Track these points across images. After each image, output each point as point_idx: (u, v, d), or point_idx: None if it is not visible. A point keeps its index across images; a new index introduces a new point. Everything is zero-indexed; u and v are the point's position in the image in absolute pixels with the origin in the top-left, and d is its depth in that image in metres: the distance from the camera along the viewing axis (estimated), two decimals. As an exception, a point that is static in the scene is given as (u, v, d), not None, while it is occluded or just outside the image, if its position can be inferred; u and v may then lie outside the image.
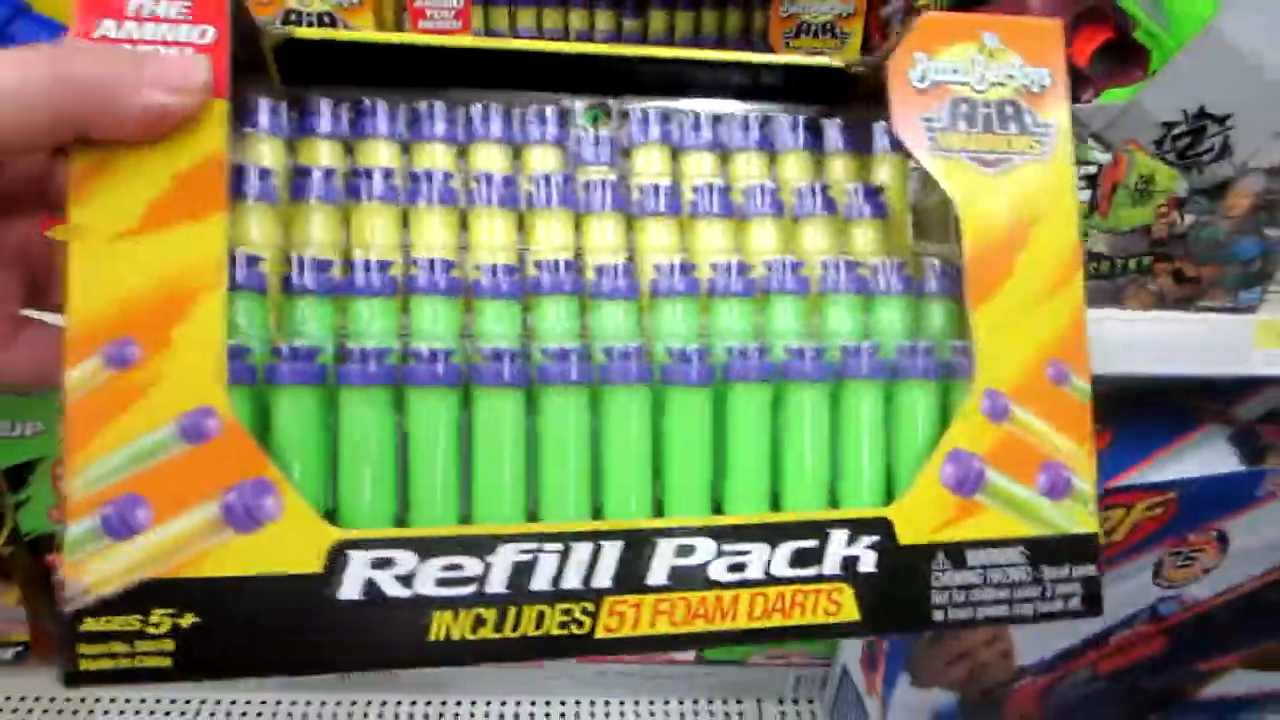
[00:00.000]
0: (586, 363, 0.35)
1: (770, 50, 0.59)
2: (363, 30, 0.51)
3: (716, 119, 0.40)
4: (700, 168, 0.40)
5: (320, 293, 0.34)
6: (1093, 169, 0.54)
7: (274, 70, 0.37)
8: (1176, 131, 0.53)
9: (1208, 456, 0.64)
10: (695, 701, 0.82)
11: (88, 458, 0.28)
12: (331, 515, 0.32)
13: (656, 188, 0.38)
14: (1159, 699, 0.76)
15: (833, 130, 0.41)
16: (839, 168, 0.41)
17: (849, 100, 0.42)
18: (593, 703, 0.80)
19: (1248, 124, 0.52)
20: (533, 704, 0.80)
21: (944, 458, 0.36)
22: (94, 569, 0.28)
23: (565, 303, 0.36)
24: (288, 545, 0.30)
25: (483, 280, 0.35)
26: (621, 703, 0.80)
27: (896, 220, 0.42)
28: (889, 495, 0.37)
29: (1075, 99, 0.54)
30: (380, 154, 0.37)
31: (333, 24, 0.53)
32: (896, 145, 0.40)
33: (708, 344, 0.37)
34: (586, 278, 0.37)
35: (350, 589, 0.31)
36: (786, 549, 0.35)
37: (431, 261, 0.35)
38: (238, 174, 0.34)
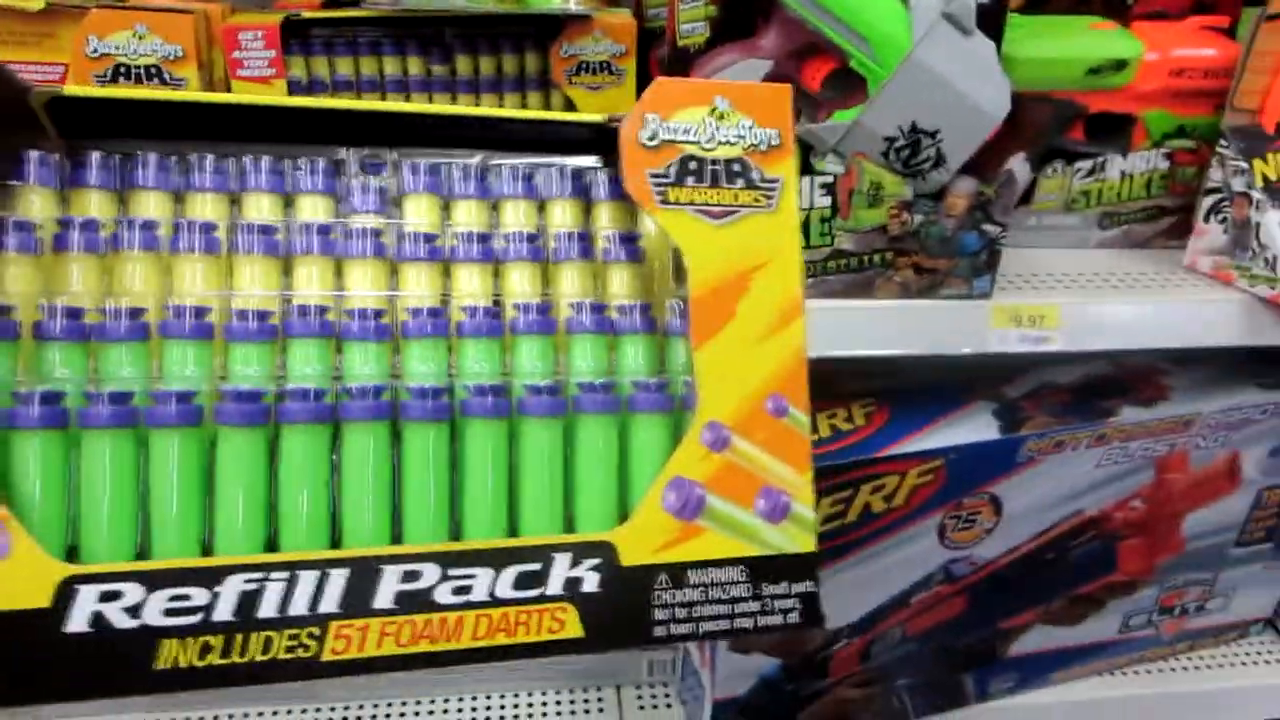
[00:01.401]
0: (322, 402, 0.37)
1: (558, 87, 0.67)
2: (146, 88, 0.54)
3: (485, 171, 0.43)
4: (468, 216, 0.42)
5: (69, 339, 0.36)
6: (830, 178, 0.63)
7: (50, 127, 0.39)
8: (898, 145, 0.62)
9: (973, 428, 0.73)
10: (557, 691, 0.88)
11: None
12: (74, 552, 0.35)
13: (417, 235, 0.41)
14: (971, 657, 0.84)
15: (601, 180, 0.44)
16: (605, 215, 0.44)
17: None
18: (447, 700, 0.85)
19: (954, 138, 0.61)
20: (375, 706, 0.84)
21: (666, 484, 0.39)
22: None
23: (316, 345, 0.38)
24: (16, 582, 0.32)
25: (234, 324, 0.38)
26: (474, 698, 0.85)
27: (656, 265, 0.45)
28: (622, 522, 0.40)
29: (812, 119, 0.63)
30: (149, 204, 0.39)
31: (159, 76, 0.60)
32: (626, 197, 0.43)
33: (449, 382, 0.39)
34: (340, 320, 0.39)
35: (78, 621, 0.33)
36: (511, 572, 0.37)
37: (182, 308, 0.37)
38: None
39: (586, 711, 0.86)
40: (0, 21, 0.61)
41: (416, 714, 0.84)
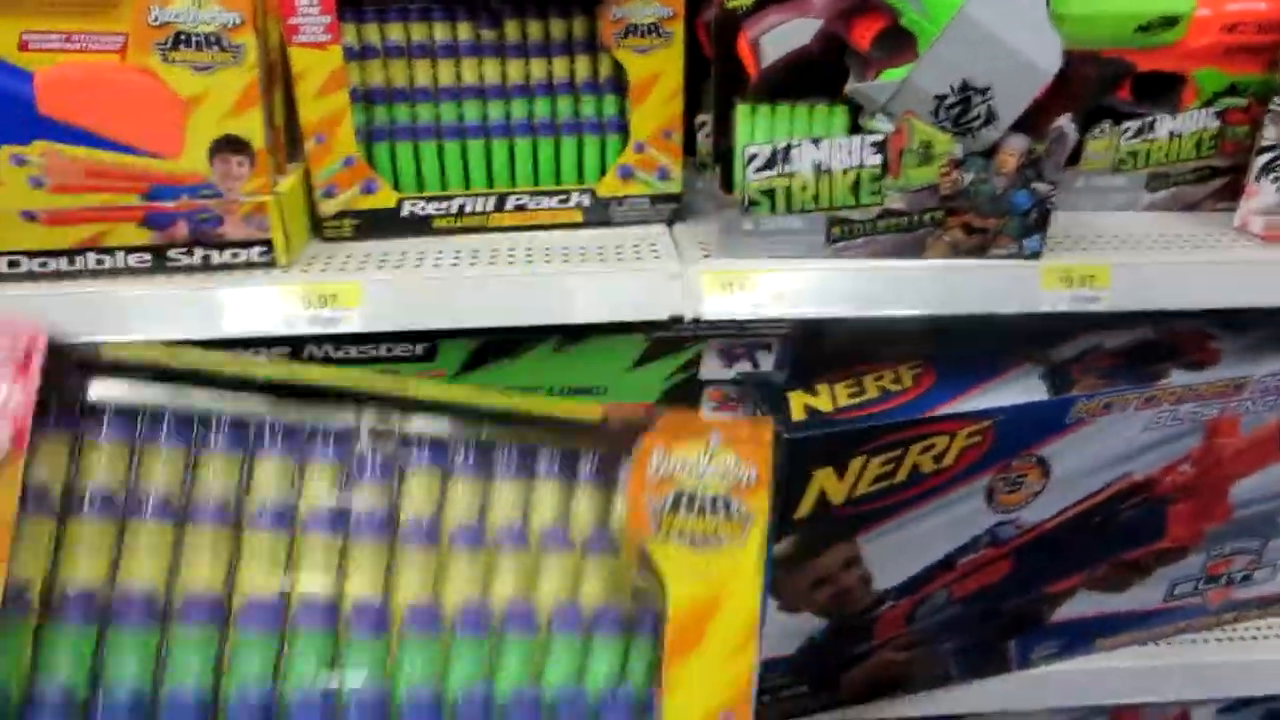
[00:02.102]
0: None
1: (607, 49, 0.68)
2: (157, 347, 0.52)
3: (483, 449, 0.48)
4: (466, 495, 0.47)
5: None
6: (880, 137, 0.63)
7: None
8: (949, 102, 0.62)
9: (1021, 390, 0.73)
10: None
11: None
12: None
13: (420, 521, 0.45)
14: (1015, 622, 0.84)
15: (585, 465, 0.50)
16: (584, 499, 0.49)
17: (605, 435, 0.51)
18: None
19: (1005, 94, 0.61)
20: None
21: None
22: None
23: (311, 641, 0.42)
24: None
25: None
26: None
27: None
28: None
29: (861, 78, 0.63)
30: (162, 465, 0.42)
31: (219, 43, 0.61)
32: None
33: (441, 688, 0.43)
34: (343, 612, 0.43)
35: None
36: None
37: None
38: None
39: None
40: (62, -9, 0.62)
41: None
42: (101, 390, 0.42)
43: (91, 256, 0.63)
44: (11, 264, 0.63)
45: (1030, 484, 0.75)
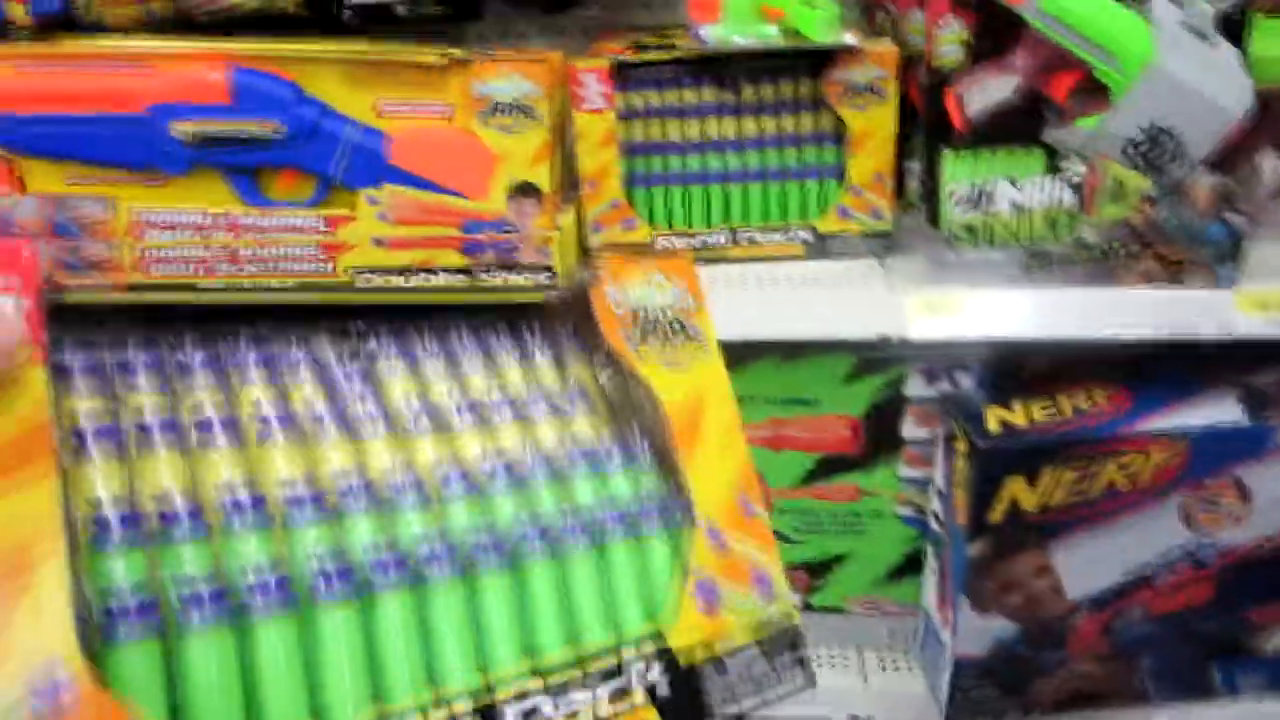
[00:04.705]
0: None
1: (829, 106, 0.80)
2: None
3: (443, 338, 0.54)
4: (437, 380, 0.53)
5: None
6: (1076, 178, 0.71)
7: None
8: (1138, 142, 0.69)
9: (1217, 413, 0.76)
10: (806, 648, 0.98)
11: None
12: None
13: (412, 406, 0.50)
14: (1217, 646, 0.85)
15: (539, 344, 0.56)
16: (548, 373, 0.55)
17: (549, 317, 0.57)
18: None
19: (1194, 135, 0.67)
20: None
21: (695, 587, 0.45)
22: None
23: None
24: None
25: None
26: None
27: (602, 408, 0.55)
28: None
29: (1058, 125, 0.71)
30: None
31: (522, 109, 0.78)
32: (609, 356, 0.53)
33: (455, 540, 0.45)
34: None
35: None
36: (605, 689, 0.44)
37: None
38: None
39: (832, 665, 0.95)
40: (407, 72, 0.82)
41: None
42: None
43: (421, 275, 0.82)
44: (363, 278, 0.83)
45: (1229, 507, 0.78)
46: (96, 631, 0.32)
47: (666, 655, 0.44)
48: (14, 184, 0.85)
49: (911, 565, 0.93)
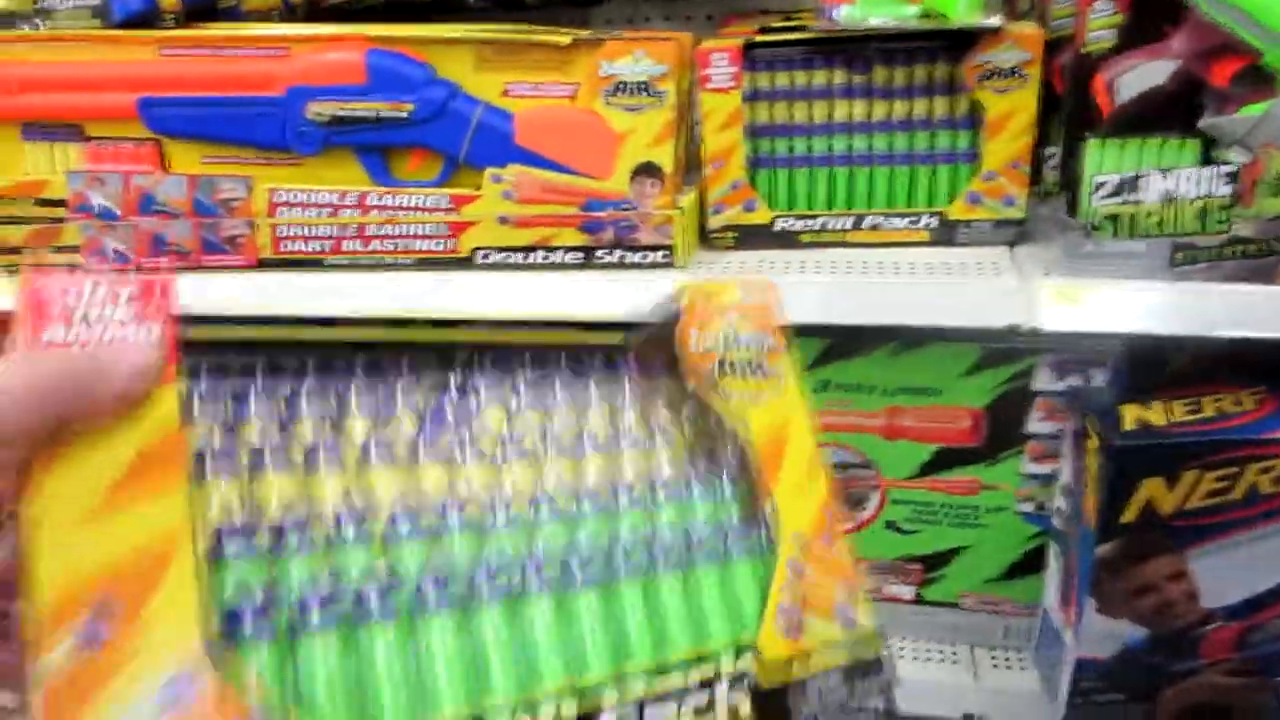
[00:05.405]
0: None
1: (966, 90, 0.77)
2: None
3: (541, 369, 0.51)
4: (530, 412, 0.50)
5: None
6: (1234, 168, 0.67)
7: None
8: (1309, 132, 0.64)
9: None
10: (915, 640, 0.97)
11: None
12: None
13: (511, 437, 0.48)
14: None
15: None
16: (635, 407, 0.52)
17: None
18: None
19: (1371, 123, 0.63)
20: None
21: (776, 611, 0.45)
22: None
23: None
24: None
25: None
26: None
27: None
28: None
29: (1218, 113, 0.67)
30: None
31: (648, 89, 0.78)
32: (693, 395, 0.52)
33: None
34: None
35: None
36: (689, 705, 0.44)
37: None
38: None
39: (942, 661, 0.93)
40: (536, 53, 0.82)
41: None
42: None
43: (541, 253, 0.83)
44: (484, 255, 0.84)
45: (1387, 521, 0.73)
46: (219, 634, 0.34)
47: (750, 677, 0.45)
48: (159, 164, 0.89)
49: (1030, 562, 0.90)
